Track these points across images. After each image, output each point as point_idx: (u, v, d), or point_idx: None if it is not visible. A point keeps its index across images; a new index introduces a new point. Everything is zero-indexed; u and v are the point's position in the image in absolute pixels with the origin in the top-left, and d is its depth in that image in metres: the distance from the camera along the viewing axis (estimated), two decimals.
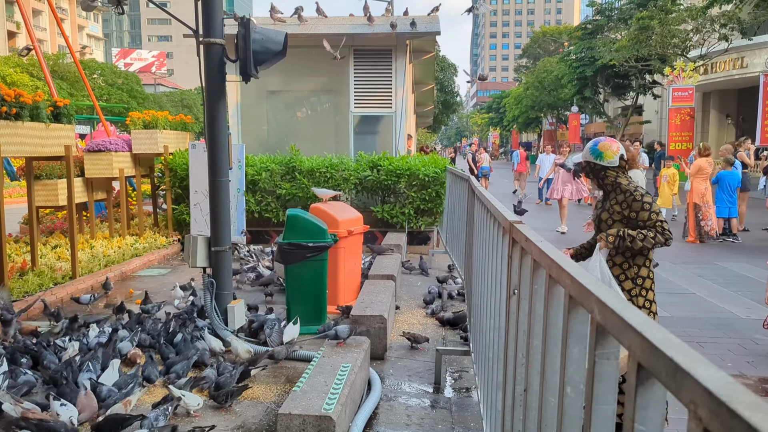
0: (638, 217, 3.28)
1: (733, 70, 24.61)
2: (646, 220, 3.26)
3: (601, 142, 3.48)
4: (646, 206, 3.26)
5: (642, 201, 3.27)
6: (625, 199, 3.33)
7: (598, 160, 3.43)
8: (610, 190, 3.41)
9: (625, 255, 3.33)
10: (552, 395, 1.38)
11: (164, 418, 3.12)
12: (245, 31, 4.36)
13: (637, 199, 3.29)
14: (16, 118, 5.48)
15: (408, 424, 3.47)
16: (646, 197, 3.28)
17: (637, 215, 3.29)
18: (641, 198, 3.27)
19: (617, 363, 1.03)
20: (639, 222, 3.28)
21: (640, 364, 0.80)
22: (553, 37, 57.78)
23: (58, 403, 3.16)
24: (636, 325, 0.82)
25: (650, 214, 3.25)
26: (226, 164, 4.72)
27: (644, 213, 3.26)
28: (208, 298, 4.63)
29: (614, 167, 3.41)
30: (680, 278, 7.65)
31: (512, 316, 1.97)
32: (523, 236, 1.76)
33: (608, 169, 3.41)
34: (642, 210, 3.27)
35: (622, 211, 3.34)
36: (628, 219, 3.33)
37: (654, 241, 3.23)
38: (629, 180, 3.41)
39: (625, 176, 3.42)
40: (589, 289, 1.06)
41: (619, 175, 3.40)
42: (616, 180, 3.39)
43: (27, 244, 7.63)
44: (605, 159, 3.42)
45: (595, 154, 3.43)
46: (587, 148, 3.50)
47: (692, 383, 0.64)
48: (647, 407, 0.82)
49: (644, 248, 3.25)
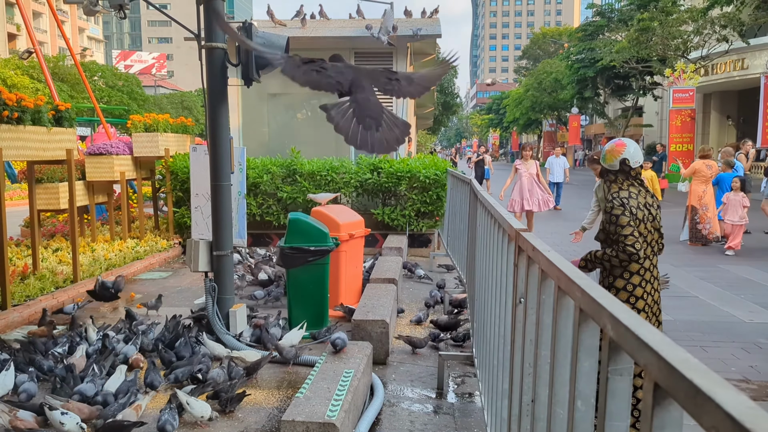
0: (608, 230, 3.23)
1: (734, 71, 24.62)
2: (612, 234, 3.18)
3: (613, 143, 3.42)
4: (613, 219, 3.17)
5: (611, 214, 3.19)
6: (605, 212, 3.27)
7: (603, 163, 3.40)
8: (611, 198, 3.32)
9: (605, 266, 3.31)
10: (561, 408, 1.37)
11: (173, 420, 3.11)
12: (247, 35, 4.35)
13: (607, 211, 3.22)
14: (18, 122, 5.47)
15: (411, 430, 3.45)
16: (616, 210, 3.17)
17: (608, 228, 3.23)
18: (611, 210, 3.20)
19: (630, 380, 1.02)
20: (611, 235, 3.21)
21: (657, 384, 0.79)
22: (553, 38, 57.82)
23: (59, 412, 3.12)
24: (652, 344, 0.81)
25: (615, 228, 3.16)
26: (227, 168, 4.72)
27: (611, 227, 3.18)
28: (210, 302, 4.62)
29: (614, 171, 3.34)
30: (682, 281, 7.64)
31: (518, 325, 1.95)
32: (530, 245, 1.75)
33: (609, 172, 3.37)
34: (609, 223, 3.20)
35: (604, 223, 3.28)
36: (606, 231, 3.26)
37: (617, 258, 3.17)
38: (621, 189, 3.29)
39: (624, 184, 3.31)
40: (601, 303, 1.05)
41: (615, 181, 3.33)
42: (611, 185, 3.34)
43: (28, 248, 7.62)
44: (606, 162, 3.38)
45: (602, 156, 3.41)
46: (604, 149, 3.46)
47: (713, 408, 0.63)
48: (664, 428, 0.81)
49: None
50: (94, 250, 7.80)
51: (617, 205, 3.19)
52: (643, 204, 3.27)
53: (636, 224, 3.17)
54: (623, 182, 3.32)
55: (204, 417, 3.27)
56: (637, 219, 3.19)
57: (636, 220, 3.17)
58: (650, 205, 3.32)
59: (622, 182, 3.32)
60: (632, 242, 3.11)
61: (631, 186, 3.31)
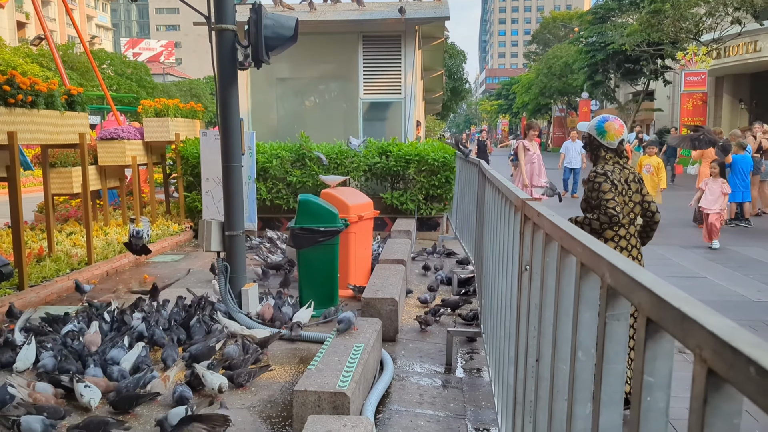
0: (591, 197, 3.40)
1: (746, 54, 24.29)
2: (594, 200, 3.38)
3: (609, 121, 3.55)
4: (595, 186, 3.36)
5: (593, 181, 3.38)
6: (588, 181, 3.45)
7: (600, 138, 3.52)
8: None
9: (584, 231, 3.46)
10: (563, 362, 1.43)
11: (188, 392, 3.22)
12: (257, 16, 4.39)
13: (590, 178, 3.42)
14: (32, 106, 5.56)
15: (420, 403, 3.53)
16: (599, 178, 3.37)
17: (590, 195, 3.41)
18: (594, 178, 3.39)
19: (627, 323, 1.08)
20: (592, 201, 3.40)
21: (649, 319, 0.85)
22: (563, 22, 57.23)
23: (82, 385, 3.22)
24: (645, 283, 0.86)
25: (597, 194, 3.35)
26: (238, 149, 4.78)
27: (594, 193, 3.38)
28: (222, 281, 4.70)
29: (611, 149, 3.51)
30: (692, 262, 7.65)
31: (524, 292, 2.01)
32: (535, 212, 1.80)
33: (605, 148, 3.52)
34: (592, 190, 3.39)
35: (587, 192, 3.47)
36: (588, 199, 3.47)
37: (598, 221, 3.35)
38: (607, 164, 3.48)
39: (610, 161, 3.49)
40: (600, 254, 1.10)
41: (604, 157, 3.50)
42: (599, 160, 3.51)
43: (43, 231, 7.75)
44: (606, 139, 3.52)
45: (599, 130, 3.52)
46: (595, 121, 3.60)
47: (698, 329, 0.69)
48: (656, 359, 0.86)
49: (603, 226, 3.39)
50: (107, 233, 7.92)
51: (600, 173, 3.41)
52: (624, 179, 3.47)
53: (615, 192, 3.38)
54: (610, 159, 3.52)
55: (220, 388, 3.36)
56: (618, 190, 3.40)
57: (616, 189, 3.38)
58: (631, 181, 3.52)
59: (609, 159, 3.52)
60: (613, 206, 3.31)
61: (617, 163, 3.52)
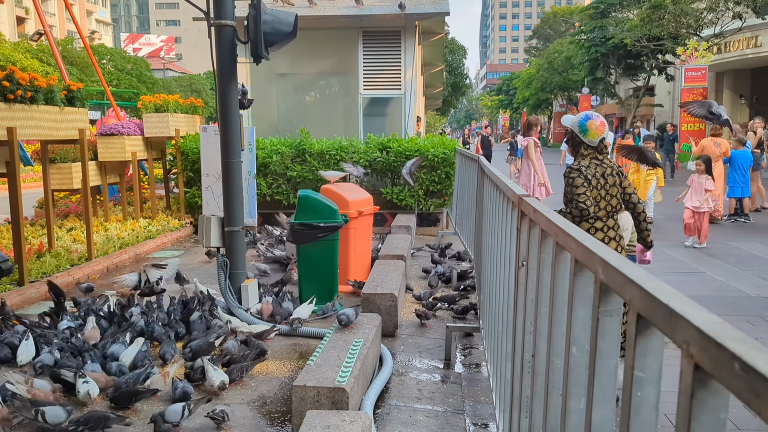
0: (566, 191, 3.64)
1: (747, 49, 24.24)
2: (568, 194, 3.61)
3: (591, 119, 3.72)
4: (569, 181, 3.60)
5: (568, 176, 3.62)
6: (564, 176, 3.67)
7: (582, 135, 3.70)
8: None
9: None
10: (558, 357, 1.44)
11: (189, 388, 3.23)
12: (256, 12, 4.39)
13: (566, 174, 3.65)
14: (31, 101, 5.56)
15: (419, 398, 3.55)
16: (573, 173, 3.61)
17: (565, 189, 3.64)
18: (568, 174, 3.63)
19: (619, 319, 1.09)
20: (566, 195, 3.64)
21: (640, 315, 0.86)
22: (564, 17, 57.04)
23: (81, 380, 3.23)
24: (636, 279, 0.87)
25: (570, 189, 3.59)
26: (238, 145, 4.79)
27: (567, 188, 3.61)
28: (222, 277, 4.72)
29: (591, 147, 3.70)
30: (691, 258, 7.66)
31: (521, 287, 2.02)
32: (531, 208, 1.81)
33: (585, 145, 3.70)
34: (566, 185, 3.62)
35: (565, 186, 3.67)
36: (565, 194, 3.69)
37: (571, 215, 3.60)
38: (583, 159, 3.68)
39: (588, 157, 3.67)
40: (593, 250, 1.11)
41: (581, 153, 3.70)
42: (584, 157, 3.69)
43: (43, 227, 7.77)
44: (587, 137, 3.70)
45: (581, 128, 3.69)
46: (578, 118, 3.76)
47: (685, 324, 0.70)
48: (646, 355, 0.88)
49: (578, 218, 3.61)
50: (107, 229, 7.94)
51: (574, 169, 3.64)
52: (600, 174, 3.65)
53: (588, 187, 3.58)
54: (588, 155, 3.69)
55: (222, 385, 3.37)
56: (591, 185, 3.60)
57: (590, 185, 3.59)
58: (608, 175, 3.69)
59: (587, 155, 3.70)
60: (583, 200, 3.54)
61: (594, 159, 3.69)
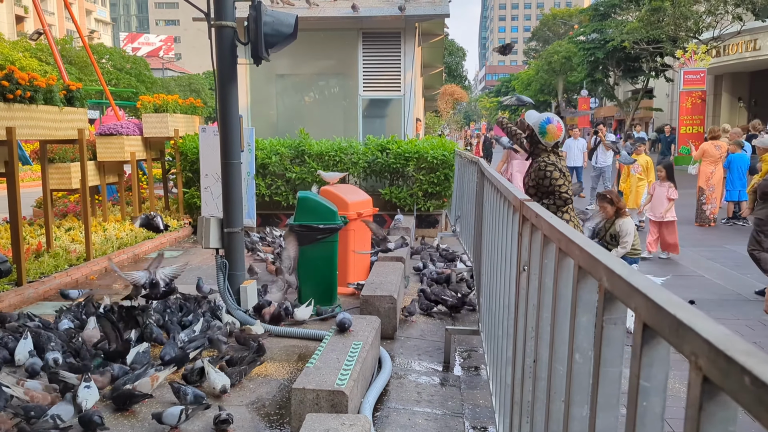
0: (542, 184, 4.08)
1: (746, 52, 24.27)
2: (547, 187, 4.06)
3: (552, 124, 4.14)
4: (546, 174, 4.07)
5: (544, 170, 4.08)
6: (538, 170, 4.11)
7: (540, 136, 4.15)
8: (534, 158, 4.21)
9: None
10: (561, 364, 1.44)
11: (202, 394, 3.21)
12: (256, 14, 4.39)
13: (541, 168, 4.10)
14: (31, 101, 5.55)
15: (418, 401, 3.55)
16: (549, 167, 4.07)
17: (541, 182, 4.08)
18: (544, 167, 4.08)
19: (624, 327, 1.08)
20: (544, 188, 4.07)
21: (646, 324, 0.85)
22: (563, 19, 57.10)
23: (83, 385, 3.16)
24: (642, 289, 0.87)
25: (550, 182, 4.06)
26: (237, 147, 4.78)
27: (545, 181, 4.07)
28: (221, 278, 4.71)
29: (545, 147, 4.16)
30: (689, 261, 7.67)
31: (522, 292, 2.02)
32: (533, 213, 1.81)
33: (542, 144, 4.16)
34: (543, 178, 4.08)
35: (536, 179, 4.11)
36: (538, 186, 4.12)
37: (555, 205, 4.06)
38: (547, 159, 4.13)
39: (551, 154, 4.15)
40: (598, 258, 1.11)
41: (543, 153, 4.15)
42: (540, 155, 4.15)
43: (41, 227, 7.75)
44: (545, 138, 4.16)
45: (541, 129, 4.14)
46: (540, 118, 4.17)
47: (693, 336, 0.69)
48: (652, 365, 0.87)
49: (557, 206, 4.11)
50: (105, 229, 7.92)
51: (549, 163, 4.10)
52: (564, 167, 4.21)
53: (564, 179, 4.10)
54: (549, 152, 4.18)
55: (223, 389, 3.34)
56: (564, 176, 4.12)
57: (563, 176, 4.11)
58: (565, 167, 4.26)
59: (549, 152, 4.18)
60: (565, 190, 4.07)
61: (556, 155, 4.22)
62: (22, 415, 2.90)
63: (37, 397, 3.17)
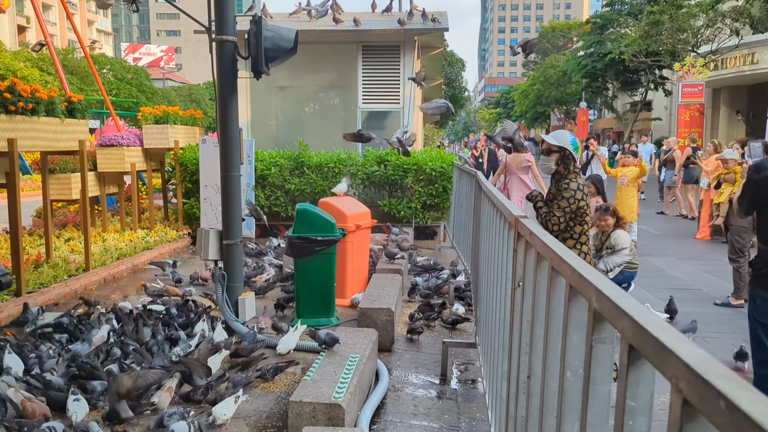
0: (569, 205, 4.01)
1: (744, 65, 24.42)
2: (571, 212, 4.00)
3: (575, 136, 4.20)
4: (576, 201, 4.00)
5: (574, 197, 4.01)
6: (575, 197, 4.02)
7: (575, 152, 4.14)
8: (563, 180, 4.08)
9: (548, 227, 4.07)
10: (553, 380, 1.46)
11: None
12: (257, 28, 4.44)
13: (579, 188, 4.05)
14: (32, 113, 5.59)
15: (415, 414, 3.55)
16: (579, 194, 4.00)
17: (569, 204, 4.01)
18: (575, 194, 4.00)
19: (612, 347, 1.11)
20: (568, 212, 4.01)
21: (631, 346, 0.88)
22: (562, 32, 57.48)
23: (72, 398, 3.11)
24: (628, 311, 0.90)
25: (576, 206, 4.01)
26: (237, 159, 4.81)
27: (572, 205, 4.02)
28: (220, 290, 4.72)
29: (577, 169, 4.15)
30: (686, 274, 7.68)
31: (517, 308, 2.04)
32: (527, 230, 1.83)
33: (575, 161, 4.15)
34: (576, 200, 4.03)
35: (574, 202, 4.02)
36: (576, 212, 4.05)
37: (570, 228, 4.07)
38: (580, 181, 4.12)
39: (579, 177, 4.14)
40: (588, 278, 1.13)
41: (573, 174, 4.10)
42: (575, 178, 4.06)
43: (41, 237, 7.76)
44: (577, 153, 4.20)
45: (574, 145, 4.13)
46: (568, 137, 4.14)
47: (674, 359, 0.72)
48: (638, 384, 0.90)
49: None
50: (105, 240, 7.94)
51: (581, 190, 4.05)
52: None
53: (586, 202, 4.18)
54: (577, 172, 4.14)
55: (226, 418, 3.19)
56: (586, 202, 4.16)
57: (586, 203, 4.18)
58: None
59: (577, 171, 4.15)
60: (588, 219, 4.15)
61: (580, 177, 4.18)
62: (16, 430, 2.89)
63: (34, 407, 3.17)
